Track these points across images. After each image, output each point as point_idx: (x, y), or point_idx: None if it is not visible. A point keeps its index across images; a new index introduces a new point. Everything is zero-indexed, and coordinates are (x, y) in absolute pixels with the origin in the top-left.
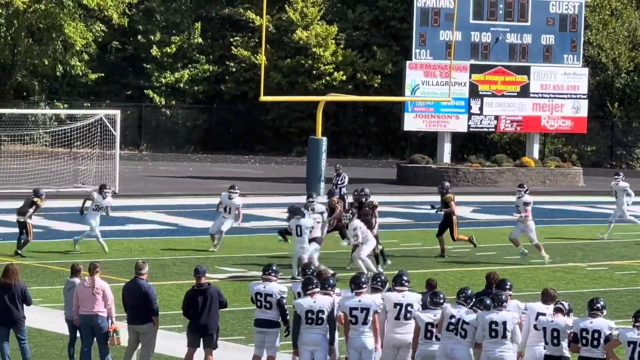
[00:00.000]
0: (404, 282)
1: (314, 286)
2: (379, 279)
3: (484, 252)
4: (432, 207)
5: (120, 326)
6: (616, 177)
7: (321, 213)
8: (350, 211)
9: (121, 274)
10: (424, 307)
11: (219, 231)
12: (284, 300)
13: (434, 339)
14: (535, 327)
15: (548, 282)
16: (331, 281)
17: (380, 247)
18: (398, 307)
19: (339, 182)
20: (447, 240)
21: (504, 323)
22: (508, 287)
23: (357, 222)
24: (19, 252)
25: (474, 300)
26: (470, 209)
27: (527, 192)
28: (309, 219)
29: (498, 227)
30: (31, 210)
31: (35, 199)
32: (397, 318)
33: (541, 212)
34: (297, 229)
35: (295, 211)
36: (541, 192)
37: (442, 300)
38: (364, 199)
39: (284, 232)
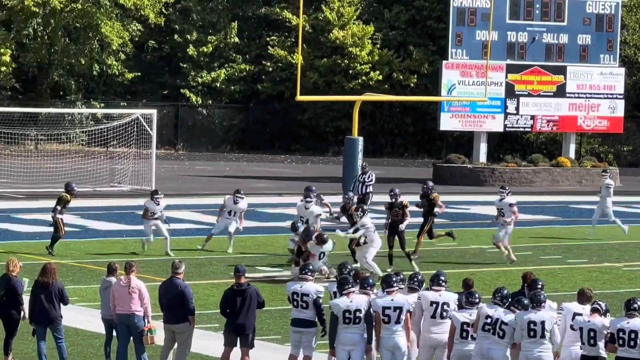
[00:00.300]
0: (441, 282)
1: (349, 286)
2: (415, 279)
3: (520, 252)
4: (418, 206)
5: (157, 325)
6: (604, 174)
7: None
8: (361, 208)
9: (157, 273)
10: (460, 306)
11: (228, 233)
12: (321, 300)
13: (469, 338)
14: (571, 327)
15: (584, 282)
16: (370, 280)
17: (408, 249)
18: (434, 305)
19: (366, 180)
20: (446, 240)
21: (543, 323)
22: (540, 286)
23: (366, 220)
24: (49, 249)
25: (509, 300)
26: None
27: (510, 193)
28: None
29: (534, 227)
30: (59, 206)
31: (62, 194)
32: (433, 317)
33: (577, 212)
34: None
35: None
36: (577, 192)
37: (477, 300)
38: (393, 199)
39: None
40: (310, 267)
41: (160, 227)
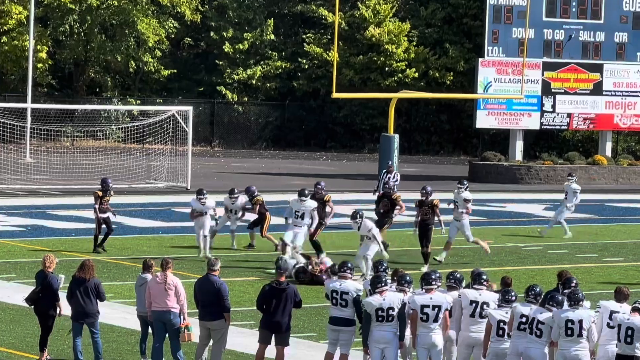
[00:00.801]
0: (483, 281)
1: (383, 284)
2: (452, 277)
3: (556, 250)
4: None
5: (192, 322)
6: (569, 177)
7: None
8: (358, 213)
9: (193, 270)
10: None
11: (230, 230)
12: (360, 298)
13: (505, 336)
14: (608, 325)
15: (620, 281)
16: (408, 278)
17: (425, 249)
18: (474, 304)
19: (390, 180)
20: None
21: (580, 322)
22: (574, 284)
23: (368, 223)
24: (98, 248)
25: (542, 297)
26: (542, 207)
27: (467, 188)
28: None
29: (570, 225)
30: (95, 204)
31: (96, 191)
32: (472, 316)
33: (614, 210)
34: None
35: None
36: (613, 190)
37: (513, 298)
38: (424, 197)
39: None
40: (349, 264)
41: (206, 225)
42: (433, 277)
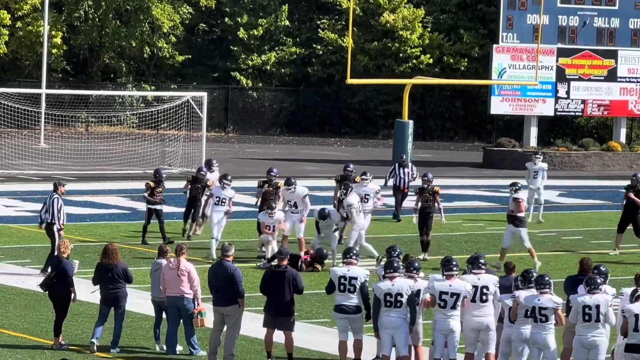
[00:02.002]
0: (480, 264)
1: (392, 270)
2: (412, 267)
3: (570, 236)
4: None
5: (206, 308)
6: (537, 157)
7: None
8: (348, 186)
9: (207, 255)
10: (508, 290)
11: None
12: (367, 284)
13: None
14: None
15: (635, 267)
16: (416, 264)
17: (425, 237)
18: (474, 289)
19: (411, 175)
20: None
21: (597, 307)
22: (596, 272)
23: (352, 199)
24: (166, 241)
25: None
26: (556, 193)
27: (372, 179)
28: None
29: (584, 211)
30: (145, 193)
31: (149, 182)
32: (474, 300)
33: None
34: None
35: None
36: (628, 176)
37: (534, 277)
38: (425, 185)
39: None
40: (355, 250)
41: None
42: (454, 263)
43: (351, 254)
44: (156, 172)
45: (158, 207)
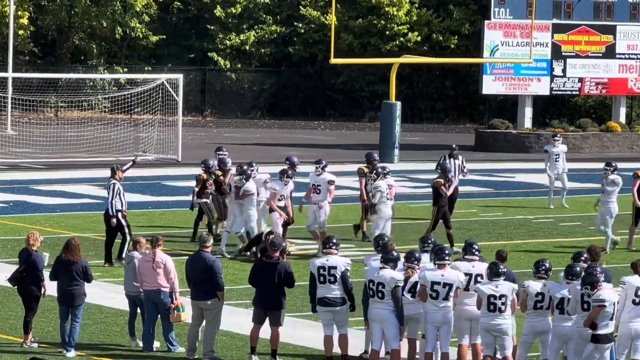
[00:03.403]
0: (474, 251)
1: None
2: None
3: (568, 222)
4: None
5: (185, 302)
6: (556, 139)
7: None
8: (379, 171)
9: (187, 246)
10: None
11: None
12: (349, 273)
13: (497, 312)
14: (634, 302)
15: (635, 255)
16: (417, 255)
17: (449, 230)
18: (467, 277)
19: (464, 168)
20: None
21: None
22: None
23: (381, 183)
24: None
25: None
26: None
27: (326, 167)
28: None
29: (582, 195)
30: (196, 188)
31: (198, 174)
32: (467, 289)
33: (628, 179)
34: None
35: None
36: (628, 158)
37: (503, 271)
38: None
39: None
40: (334, 240)
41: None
42: (447, 252)
43: (331, 244)
44: (205, 163)
45: (208, 201)
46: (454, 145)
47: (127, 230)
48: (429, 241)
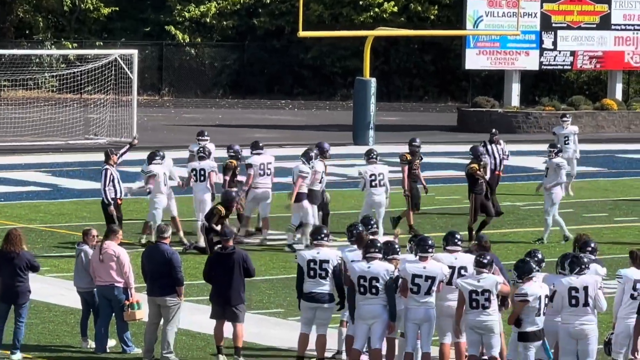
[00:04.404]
0: (456, 241)
1: (374, 249)
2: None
3: (560, 209)
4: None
5: (141, 299)
6: (564, 119)
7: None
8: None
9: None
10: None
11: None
12: (340, 267)
13: (480, 308)
14: (632, 296)
15: (633, 246)
16: (396, 247)
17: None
18: (450, 270)
19: (503, 153)
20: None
21: (585, 289)
22: (590, 249)
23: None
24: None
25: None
26: (542, 160)
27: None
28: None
29: (575, 180)
30: (227, 177)
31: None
32: (450, 283)
33: (625, 162)
34: None
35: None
36: (625, 139)
37: (488, 260)
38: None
39: None
40: (325, 231)
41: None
42: (429, 243)
43: (322, 235)
44: (233, 147)
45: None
46: (493, 130)
47: (116, 222)
48: (353, 230)
